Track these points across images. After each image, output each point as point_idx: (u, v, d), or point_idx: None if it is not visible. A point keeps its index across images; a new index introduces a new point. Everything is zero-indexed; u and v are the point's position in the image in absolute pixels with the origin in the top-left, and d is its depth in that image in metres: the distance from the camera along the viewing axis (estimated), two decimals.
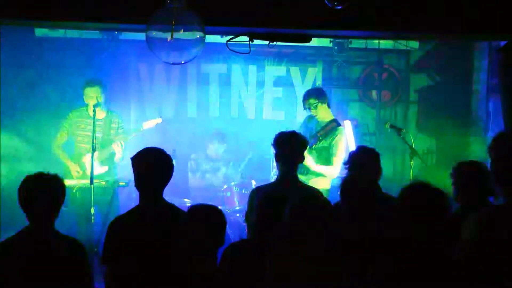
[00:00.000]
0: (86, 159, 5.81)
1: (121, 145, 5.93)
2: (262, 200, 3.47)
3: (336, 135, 5.67)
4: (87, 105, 6.03)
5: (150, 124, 6.07)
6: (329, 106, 5.91)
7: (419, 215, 2.84)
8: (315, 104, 5.79)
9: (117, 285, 3.32)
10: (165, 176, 3.42)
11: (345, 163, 4.29)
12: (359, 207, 3.34)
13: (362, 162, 4.13)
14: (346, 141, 5.98)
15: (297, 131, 4.32)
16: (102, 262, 3.32)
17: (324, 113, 5.84)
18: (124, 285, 3.32)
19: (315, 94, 5.86)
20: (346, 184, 3.49)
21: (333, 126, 5.78)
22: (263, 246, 3.13)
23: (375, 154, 4.22)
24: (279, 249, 3.07)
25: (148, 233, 3.29)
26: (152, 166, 3.39)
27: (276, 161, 4.21)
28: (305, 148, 4.28)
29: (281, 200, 3.29)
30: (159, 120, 6.09)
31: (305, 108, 5.93)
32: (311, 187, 4.48)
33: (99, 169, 5.88)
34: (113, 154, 6.01)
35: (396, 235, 3.00)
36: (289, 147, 4.15)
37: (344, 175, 4.21)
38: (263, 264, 3.04)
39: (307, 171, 5.47)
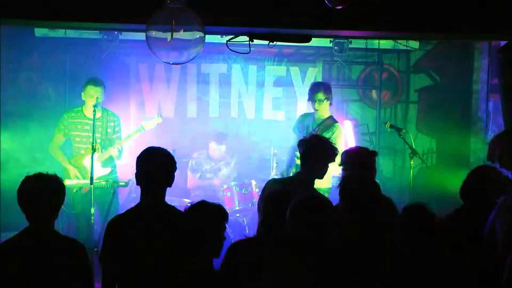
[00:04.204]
0: (87, 161, 5.81)
1: (119, 149, 5.91)
2: (267, 199, 3.48)
3: (334, 131, 5.69)
4: (82, 105, 6.02)
5: (150, 124, 6.07)
6: (331, 104, 5.92)
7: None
8: (322, 99, 5.80)
9: (114, 285, 3.31)
10: (168, 176, 3.40)
11: (340, 163, 4.27)
12: (359, 206, 3.33)
13: (359, 161, 4.12)
14: (344, 138, 5.99)
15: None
16: (99, 262, 3.31)
17: (324, 110, 5.87)
18: (121, 285, 3.32)
19: (325, 90, 5.87)
20: (346, 183, 3.47)
21: (330, 123, 5.80)
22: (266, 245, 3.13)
23: (371, 153, 4.22)
24: (277, 249, 3.07)
25: (146, 233, 3.27)
26: (157, 165, 3.37)
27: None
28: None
29: (286, 198, 3.29)
30: (159, 120, 6.09)
31: (309, 100, 5.92)
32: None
33: (101, 171, 5.88)
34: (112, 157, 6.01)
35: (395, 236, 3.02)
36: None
37: (340, 174, 4.21)
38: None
39: None
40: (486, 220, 3.58)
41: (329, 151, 4.16)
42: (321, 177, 4.24)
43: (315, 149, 4.16)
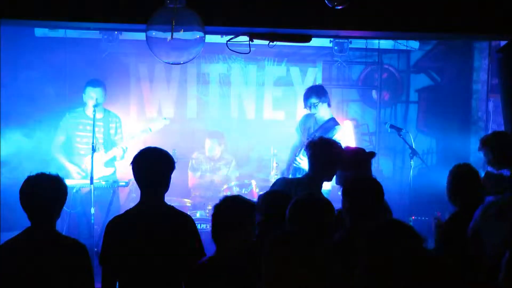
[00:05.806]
0: (89, 161, 5.81)
1: (123, 149, 5.90)
2: (267, 198, 3.48)
3: (334, 134, 5.68)
4: (84, 106, 6.03)
5: (158, 126, 6.07)
6: (329, 105, 5.91)
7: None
8: (315, 104, 5.80)
9: (114, 285, 3.31)
10: (163, 177, 3.39)
11: None
12: (362, 206, 3.32)
13: (355, 161, 4.12)
14: (344, 140, 5.98)
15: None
16: (99, 262, 3.31)
17: (323, 112, 5.86)
18: (121, 285, 3.32)
19: (316, 94, 5.86)
20: (350, 183, 3.46)
21: (330, 125, 5.79)
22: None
23: (367, 154, 4.22)
24: (276, 248, 3.06)
25: (145, 233, 3.27)
26: (152, 166, 3.36)
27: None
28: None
29: (286, 199, 3.29)
30: (167, 122, 6.10)
31: (305, 107, 5.93)
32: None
33: (104, 171, 5.88)
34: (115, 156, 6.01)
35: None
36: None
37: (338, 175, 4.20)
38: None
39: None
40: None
41: (336, 154, 4.16)
42: (329, 179, 4.26)
43: (321, 151, 4.16)
